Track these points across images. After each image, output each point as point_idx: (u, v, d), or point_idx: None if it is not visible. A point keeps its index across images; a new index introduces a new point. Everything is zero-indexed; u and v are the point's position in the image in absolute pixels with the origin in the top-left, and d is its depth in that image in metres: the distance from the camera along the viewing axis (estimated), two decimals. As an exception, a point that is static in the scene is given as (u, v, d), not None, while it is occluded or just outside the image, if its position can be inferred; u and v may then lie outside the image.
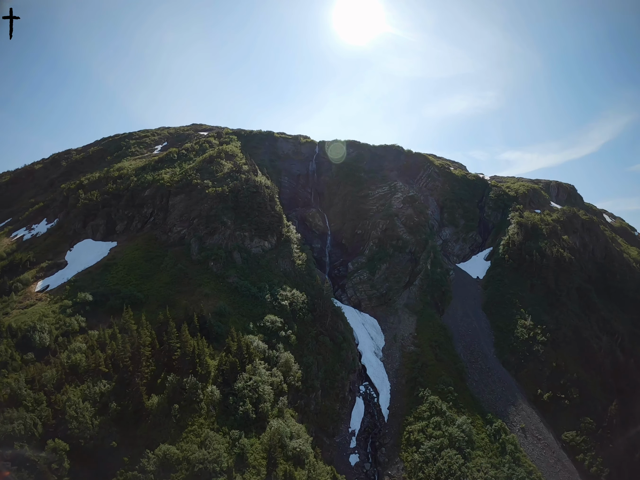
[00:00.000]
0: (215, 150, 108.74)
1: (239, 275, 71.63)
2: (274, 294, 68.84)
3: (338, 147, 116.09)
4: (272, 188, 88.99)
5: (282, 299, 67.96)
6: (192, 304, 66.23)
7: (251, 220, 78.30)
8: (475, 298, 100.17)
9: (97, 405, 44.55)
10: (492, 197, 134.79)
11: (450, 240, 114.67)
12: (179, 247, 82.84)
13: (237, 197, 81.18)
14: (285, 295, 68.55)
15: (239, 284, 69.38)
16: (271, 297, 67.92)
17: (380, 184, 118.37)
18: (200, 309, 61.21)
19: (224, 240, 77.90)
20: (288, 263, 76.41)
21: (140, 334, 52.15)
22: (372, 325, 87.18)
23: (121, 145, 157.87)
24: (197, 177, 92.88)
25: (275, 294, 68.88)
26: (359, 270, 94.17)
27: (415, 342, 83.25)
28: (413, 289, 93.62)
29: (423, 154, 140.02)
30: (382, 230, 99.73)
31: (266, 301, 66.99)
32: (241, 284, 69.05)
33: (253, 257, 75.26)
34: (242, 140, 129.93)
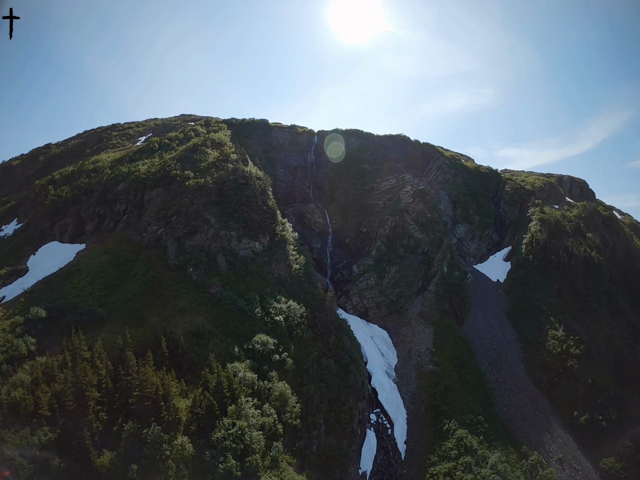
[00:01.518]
0: (201, 138, 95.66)
1: (223, 284, 58.78)
2: (266, 306, 56.09)
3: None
4: (265, 180, 76.10)
5: (276, 313, 55.21)
6: (163, 321, 53.71)
7: (239, 217, 65.38)
8: (498, 305, 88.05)
9: (36, 461, 32.43)
10: (509, 191, 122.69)
11: (466, 238, 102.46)
12: (154, 249, 69.91)
13: (223, 189, 68.21)
14: (279, 309, 55.81)
15: (222, 295, 56.56)
16: (262, 311, 55.14)
17: (387, 177, 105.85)
18: (172, 330, 48.51)
19: (207, 241, 64.96)
20: (283, 268, 63.68)
21: (85, 370, 39.28)
22: (382, 339, 74.75)
23: (102, 137, 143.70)
24: (177, 168, 79.77)
25: (267, 306, 56.13)
26: (365, 273, 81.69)
27: (434, 360, 70.91)
28: (427, 295, 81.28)
29: (432, 145, 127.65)
30: (391, 228, 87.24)
31: (256, 316, 54.23)
32: (225, 296, 56.21)
33: (241, 261, 62.42)
34: (233, 130, 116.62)
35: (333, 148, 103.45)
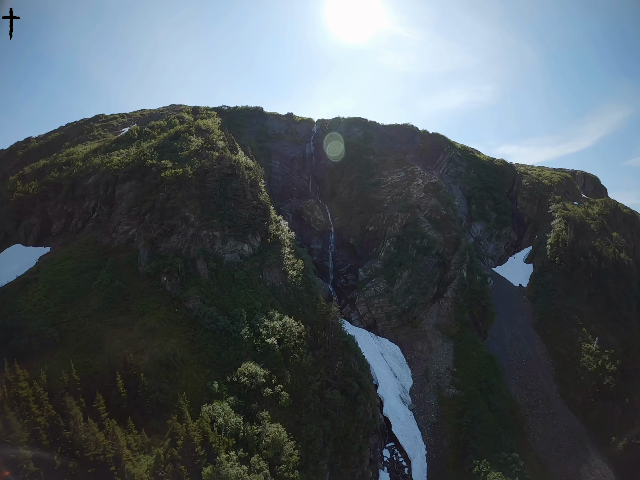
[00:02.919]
0: (185, 125, 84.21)
1: (203, 297, 47.80)
2: (256, 325, 45.09)
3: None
4: (256, 170, 64.86)
5: (268, 333, 44.23)
6: (127, 345, 43.29)
7: (224, 214, 54.18)
8: (523, 314, 77.59)
9: None
10: (526, 186, 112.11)
11: (483, 238, 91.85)
12: (124, 253, 58.98)
13: (205, 181, 56.91)
14: (272, 328, 44.82)
15: (201, 311, 45.59)
16: (250, 332, 44.16)
17: (394, 169, 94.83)
18: (132, 361, 37.59)
19: (185, 244, 53.84)
20: (277, 275, 52.65)
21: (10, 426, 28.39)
22: (394, 356, 64.05)
23: (84, 129, 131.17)
24: (153, 157, 68.41)
25: (257, 325, 45.13)
26: (373, 278, 70.87)
27: (457, 382, 60.35)
28: (445, 304, 70.61)
29: (442, 135, 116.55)
30: (402, 226, 76.39)
31: (242, 339, 43.28)
32: (205, 312, 45.22)
33: (226, 268, 51.34)
34: (223, 118, 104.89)
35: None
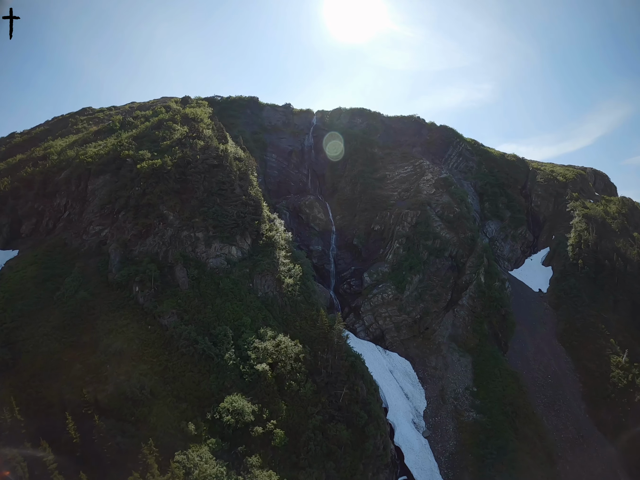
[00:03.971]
0: (170, 113, 76.15)
1: (181, 312, 39.95)
2: (243, 347, 37.23)
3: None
4: (247, 161, 56.81)
5: (259, 357, 36.35)
6: (88, 372, 36.64)
7: (208, 212, 46.14)
8: (545, 323, 70.08)
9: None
10: (541, 183, 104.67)
11: (498, 238, 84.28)
12: (95, 258, 51.49)
13: (186, 173, 48.78)
14: (264, 350, 36.92)
15: (177, 330, 37.72)
16: (237, 356, 36.33)
17: (401, 163, 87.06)
18: (85, 397, 29.84)
19: (162, 247, 45.93)
20: (270, 283, 44.71)
21: None
22: (405, 373, 56.39)
23: (69, 123, 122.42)
24: (131, 148, 60.41)
25: (245, 347, 37.28)
26: (380, 284, 63.13)
27: (477, 405, 52.78)
28: (460, 312, 62.98)
29: (450, 128, 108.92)
30: (411, 226, 68.62)
31: (226, 365, 35.42)
32: (182, 332, 37.38)
33: (209, 276, 43.41)
34: (215, 108, 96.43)
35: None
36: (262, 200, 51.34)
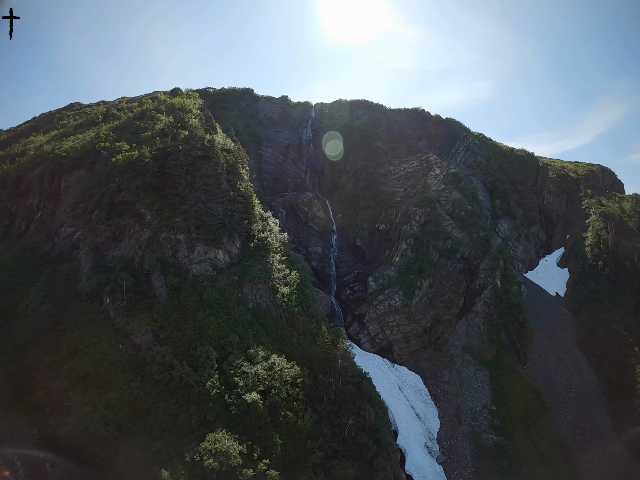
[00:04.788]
0: (155, 103, 69.99)
1: (157, 329, 34.01)
2: (230, 372, 31.28)
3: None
4: (237, 153, 50.71)
5: (247, 385, 30.36)
6: (50, 401, 31.72)
7: (190, 210, 40.04)
8: (565, 330, 64.43)
9: None
10: (554, 179, 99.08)
11: (511, 238, 78.52)
12: (66, 264, 45.75)
13: (165, 166, 42.61)
14: (254, 375, 30.93)
15: (150, 352, 31.69)
16: (221, 384, 30.35)
17: (406, 157, 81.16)
18: (53, 427, 24.07)
19: (138, 251, 39.92)
20: (263, 292, 38.74)
21: None
22: (416, 389, 50.60)
23: (55, 118, 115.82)
24: (108, 140, 54.38)
25: (231, 372, 31.32)
26: (387, 289, 57.30)
27: (497, 425, 47.05)
28: (475, 320, 57.22)
29: (457, 121, 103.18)
30: (420, 225, 62.74)
31: (209, 395, 29.39)
32: (155, 356, 31.26)
33: (192, 285, 37.39)
34: (207, 100, 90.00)
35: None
36: (254, 197, 45.20)
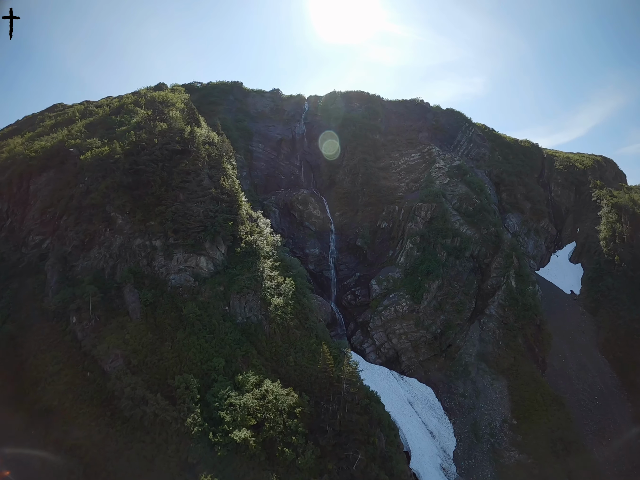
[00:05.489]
0: (135, 97, 64.65)
1: (129, 353, 28.95)
2: (214, 405, 26.23)
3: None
4: (221, 146, 45.56)
5: (236, 420, 25.36)
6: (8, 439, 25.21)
7: (166, 212, 34.82)
8: (584, 331, 59.94)
9: None
10: (561, 170, 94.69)
11: (520, 233, 73.92)
12: (33, 277, 40.37)
13: (139, 162, 37.32)
14: (243, 408, 25.89)
15: (119, 384, 26.44)
16: (204, 420, 25.29)
17: (407, 150, 76.33)
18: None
19: (109, 260, 34.81)
20: (253, 305, 33.72)
21: None
22: (428, 404, 45.85)
23: (37, 120, 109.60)
24: (79, 137, 49.15)
25: (216, 405, 26.27)
26: (392, 293, 52.46)
27: (519, 441, 42.46)
28: (489, 324, 52.59)
29: (458, 111, 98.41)
30: (426, 221, 57.94)
31: (189, 433, 24.33)
32: (123, 388, 26.04)
33: (170, 298, 32.30)
34: (194, 95, 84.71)
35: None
36: (240, 195, 39.95)
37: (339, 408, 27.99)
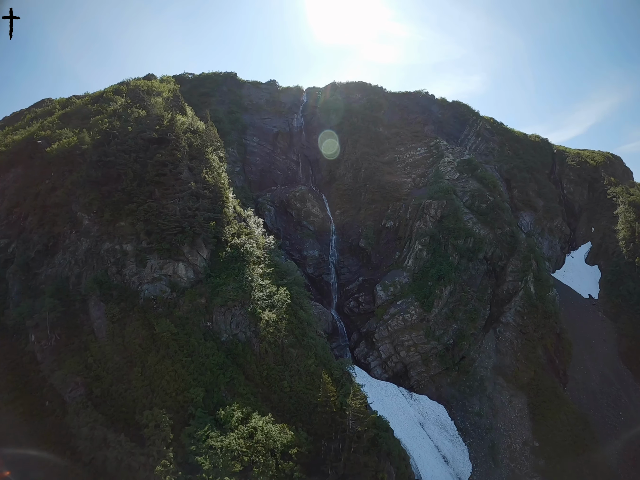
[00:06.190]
0: (116, 86, 59.57)
1: (90, 381, 23.71)
2: (190, 449, 21.27)
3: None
4: (206, 134, 40.47)
5: (217, 468, 20.43)
6: None
7: (137, 211, 29.78)
8: (605, 340, 55.36)
9: None
10: (573, 166, 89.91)
11: (534, 233, 69.18)
12: None
13: (109, 153, 32.27)
14: (225, 452, 21.01)
15: (77, 420, 21.42)
16: (177, 469, 20.28)
17: (412, 143, 71.37)
18: None
19: (74, 267, 29.72)
20: (240, 320, 28.91)
21: None
22: (440, 425, 41.23)
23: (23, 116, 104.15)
24: (50, 128, 44.12)
25: (192, 448, 21.29)
26: (400, 300, 47.70)
27: (542, 466, 37.93)
28: (505, 334, 47.94)
29: (464, 104, 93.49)
30: (436, 220, 53.11)
31: (156, 491, 19.33)
32: (83, 424, 20.99)
33: (142, 313, 27.41)
34: (185, 87, 79.47)
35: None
36: (226, 190, 34.78)
37: (343, 447, 23.29)
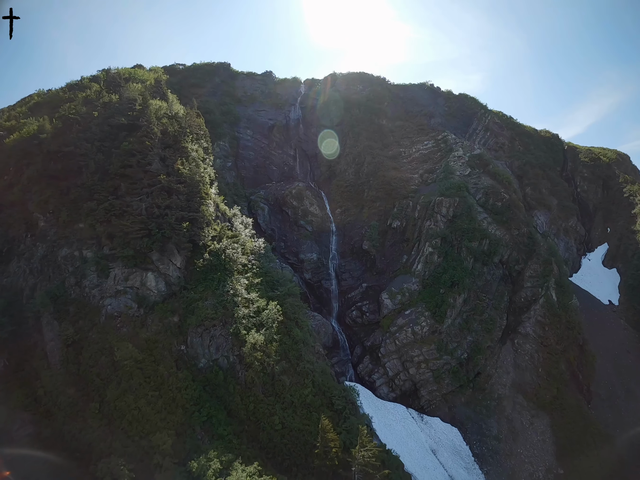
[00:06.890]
0: (96, 75, 54.39)
1: (38, 419, 18.56)
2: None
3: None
4: (186, 120, 35.47)
5: None
6: None
7: (98, 210, 24.88)
8: (629, 350, 50.77)
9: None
10: (586, 162, 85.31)
11: (550, 233, 64.49)
12: None
13: (68, 143, 27.33)
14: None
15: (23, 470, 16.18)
16: None
17: (418, 137, 66.51)
18: None
19: (28, 277, 24.66)
20: (221, 342, 24.04)
21: None
22: (454, 451, 36.65)
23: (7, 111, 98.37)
24: (16, 118, 39.27)
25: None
26: (408, 309, 43.01)
27: (574, 503, 33.37)
28: (525, 346, 43.33)
29: (472, 97, 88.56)
30: (447, 220, 48.37)
31: None
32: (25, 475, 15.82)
33: (103, 334, 22.54)
34: (175, 78, 74.12)
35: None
36: (206, 184, 29.39)
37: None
